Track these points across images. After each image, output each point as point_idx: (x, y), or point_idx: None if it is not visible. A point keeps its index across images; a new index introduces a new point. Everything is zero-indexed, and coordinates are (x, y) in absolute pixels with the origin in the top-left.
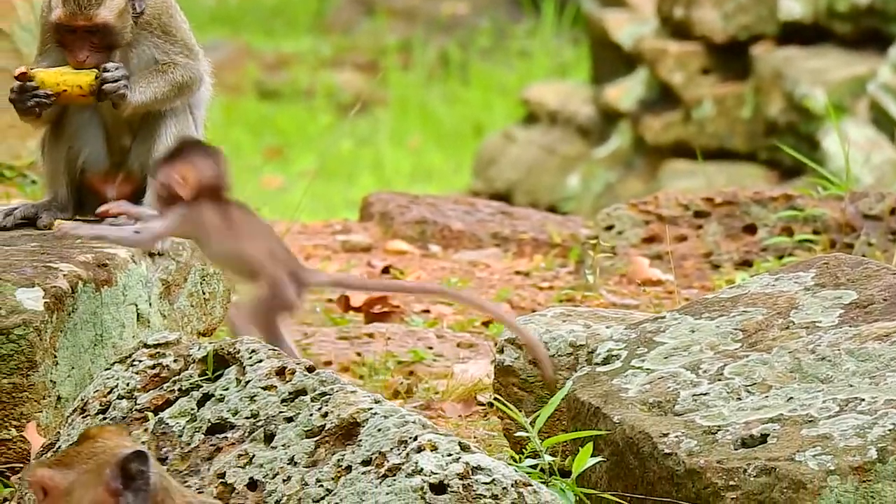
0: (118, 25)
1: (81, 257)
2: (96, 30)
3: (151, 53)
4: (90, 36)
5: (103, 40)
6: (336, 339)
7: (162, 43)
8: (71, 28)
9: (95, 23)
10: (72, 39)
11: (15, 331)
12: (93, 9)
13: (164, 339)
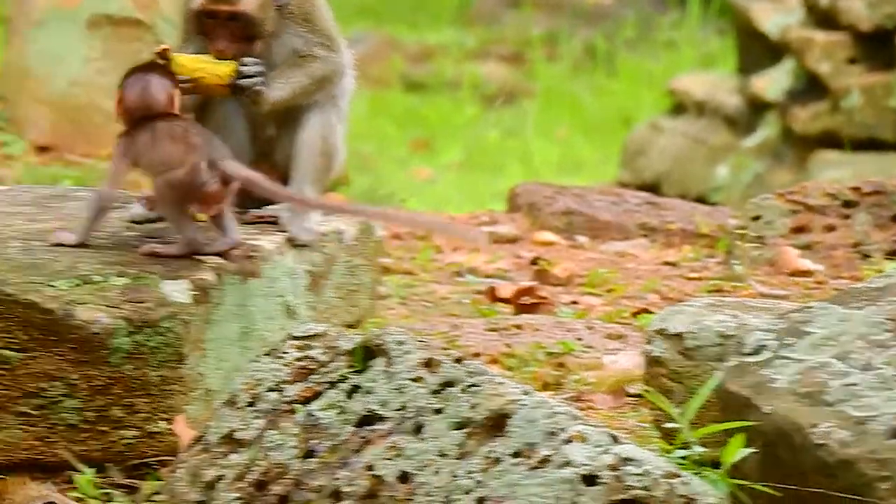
0: (259, 15)
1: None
2: (237, 18)
3: (292, 43)
4: (231, 24)
5: (244, 30)
6: (484, 331)
7: (304, 32)
8: (212, 15)
9: (236, 10)
10: (212, 27)
11: (162, 323)
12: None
13: (312, 330)
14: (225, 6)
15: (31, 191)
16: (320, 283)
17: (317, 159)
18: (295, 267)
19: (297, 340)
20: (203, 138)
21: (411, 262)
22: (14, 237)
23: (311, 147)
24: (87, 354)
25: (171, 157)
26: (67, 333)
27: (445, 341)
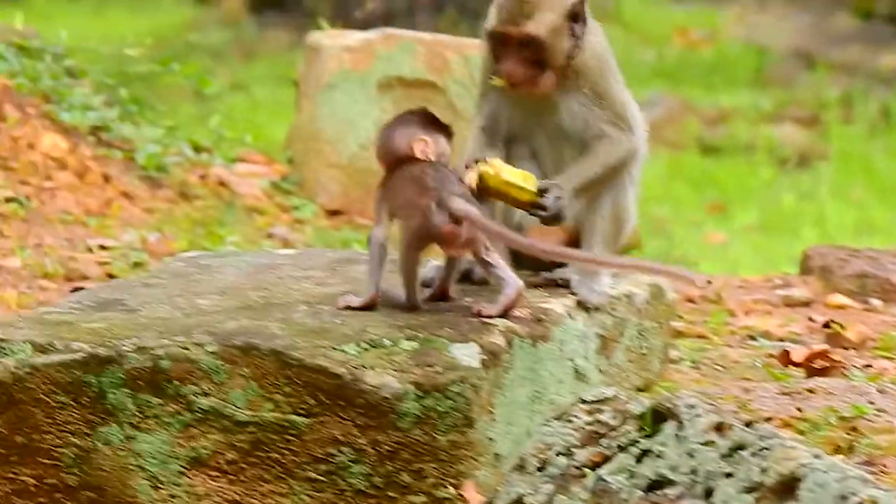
0: (549, 42)
1: (517, 312)
2: (527, 42)
3: (581, 114)
4: (522, 49)
5: (534, 55)
6: (776, 395)
7: (594, 106)
8: (503, 38)
9: (524, 33)
10: (504, 51)
11: (451, 388)
12: (523, 19)
13: (602, 394)
14: (514, 28)
15: (320, 255)
16: (611, 346)
17: (607, 223)
18: (585, 330)
19: (587, 404)
20: (438, 179)
21: (703, 325)
22: (302, 301)
23: (602, 211)
24: (375, 419)
25: (408, 200)
26: (356, 398)
27: (737, 405)
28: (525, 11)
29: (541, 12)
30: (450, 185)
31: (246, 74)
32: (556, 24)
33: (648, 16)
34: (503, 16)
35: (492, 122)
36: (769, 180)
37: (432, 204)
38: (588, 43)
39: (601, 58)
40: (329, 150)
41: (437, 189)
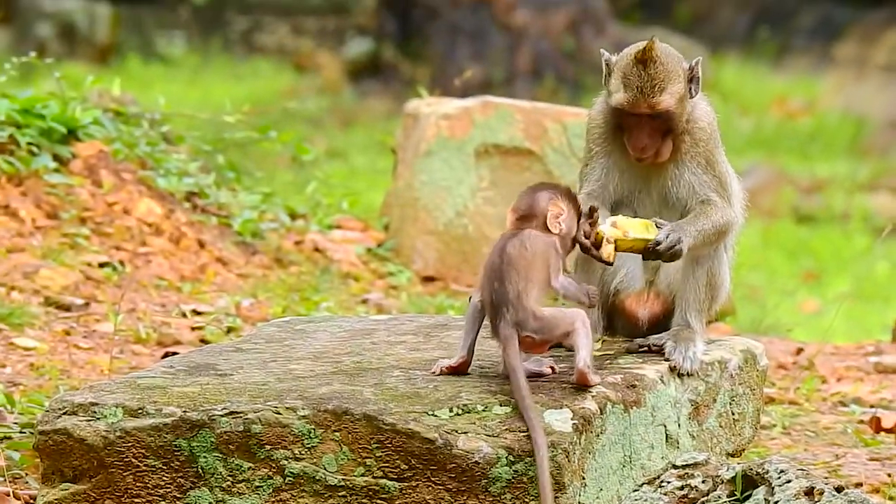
0: (678, 111)
1: (611, 378)
2: (658, 115)
3: (690, 180)
4: (651, 121)
5: (663, 125)
6: (867, 460)
7: (702, 174)
8: (632, 113)
9: (658, 110)
10: (632, 124)
11: None
12: (656, 96)
13: (693, 459)
14: (646, 108)
15: (414, 320)
16: (703, 412)
17: (702, 290)
18: (678, 396)
19: (678, 469)
20: (497, 294)
21: (795, 391)
22: (396, 366)
23: (696, 278)
24: (466, 484)
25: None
26: (447, 463)
27: (827, 470)
28: (657, 86)
29: (671, 84)
30: (511, 300)
31: (343, 142)
32: (681, 92)
33: (747, 85)
34: (634, 92)
35: (599, 188)
36: (863, 249)
37: (483, 281)
38: (699, 108)
39: (711, 123)
40: (425, 216)
41: (501, 301)
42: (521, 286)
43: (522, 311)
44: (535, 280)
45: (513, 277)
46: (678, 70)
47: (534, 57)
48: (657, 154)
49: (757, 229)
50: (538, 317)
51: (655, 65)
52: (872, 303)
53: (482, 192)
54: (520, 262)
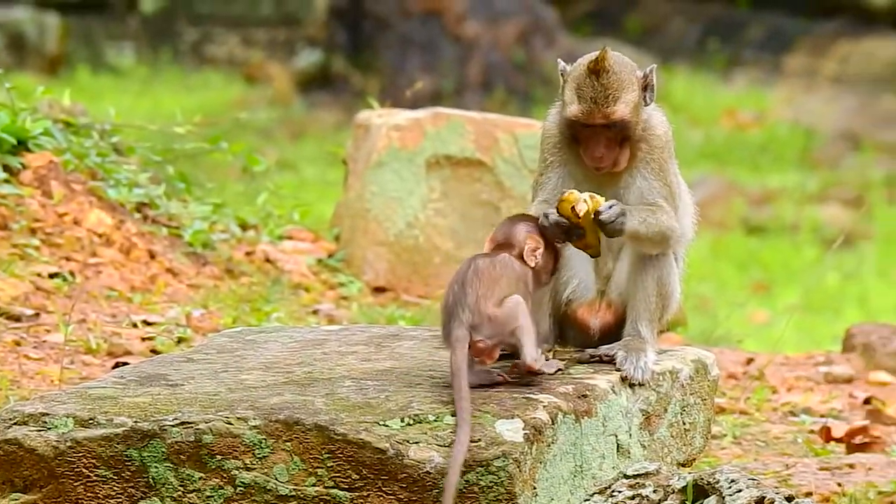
0: (633, 119)
1: (562, 388)
2: (613, 125)
3: (641, 187)
4: (605, 131)
5: (618, 134)
6: (817, 470)
7: (653, 180)
8: (587, 124)
9: (613, 120)
10: (587, 135)
11: (494, 462)
12: (610, 105)
13: (644, 469)
14: (600, 119)
15: (366, 330)
16: (654, 421)
17: (653, 300)
18: (629, 406)
19: (629, 479)
20: (457, 298)
21: (746, 402)
22: (347, 376)
23: (647, 288)
24: (417, 494)
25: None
26: (398, 473)
27: (778, 480)
28: (611, 96)
29: (624, 93)
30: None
31: (294, 153)
32: (636, 101)
33: (697, 97)
34: (588, 103)
35: (554, 197)
36: (813, 260)
37: (446, 306)
38: (654, 116)
39: (666, 132)
40: (376, 227)
41: (456, 294)
42: (481, 293)
43: (478, 316)
44: (496, 295)
45: (475, 284)
46: (632, 79)
47: (484, 68)
48: (615, 163)
49: (707, 240)
50: (492, 319)
51: (608, 74)
52: (822, 314)
53: (433, 203)
54: (486, 274)
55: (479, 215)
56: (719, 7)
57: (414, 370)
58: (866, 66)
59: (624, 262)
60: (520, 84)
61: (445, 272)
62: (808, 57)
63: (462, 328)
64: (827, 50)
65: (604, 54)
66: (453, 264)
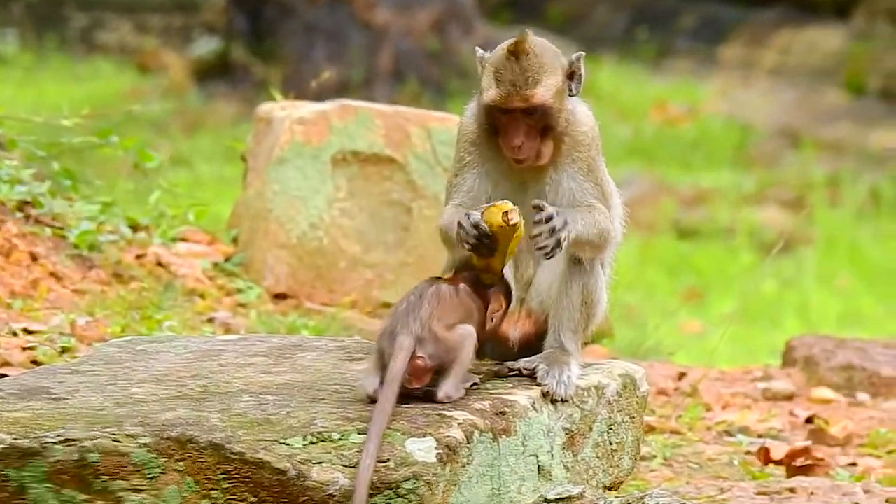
0: (555, 106)
1: (477, 405)
2: (533, 111)
3: (570, 188)
4: (526, 117)
5: (540, 121)
6: (755, 494)
7: (583, 180)
8: (506, 110)
9: (533, 103)
10: (506, 122)
11: (404, 485)
12: (530, 88)
13: (567, 493)
14: (519, 101)
15: (265, 340)
16: (578, 441)
17: (577, 310)
18: (551, 424)
19: (550, 503)
20: (411, 307)
21: (678, 420)
22: (245, 390)
23: (571, 296)
24: None
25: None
26: (300, 495)
27: None
28: (530, 79)
29: (546, 76)
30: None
31: (190, 148)
32: (559, 87)
33: (625, 89)
34: (506, 85)
35: (470, 199)
36: (749, 266)
37: (388, 330)
38: (580, 110)
39: (593, 128)
40: (277, 229)
41: (400, 317)
42: (437, 312)
43: (428, 331)
44: (449, 320)
45: (433, 301)
46: (555, 64)
47: (395, 58)
48: (537, 156)
49: (635, 244)
50: (440, 339)
51: (529, 57)
52: (759, 324)
53: (339, 202)
54: (446, 298)
55: (388, 216)
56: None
57: (318, 384)
58: (807, 57)
59: (546, 268)
60: (434, 75)
61: (352, 278)
62: (745, 47)
63: (409, 337)
64: (765, 39)
65: (524, 36)
66: (360, 269)
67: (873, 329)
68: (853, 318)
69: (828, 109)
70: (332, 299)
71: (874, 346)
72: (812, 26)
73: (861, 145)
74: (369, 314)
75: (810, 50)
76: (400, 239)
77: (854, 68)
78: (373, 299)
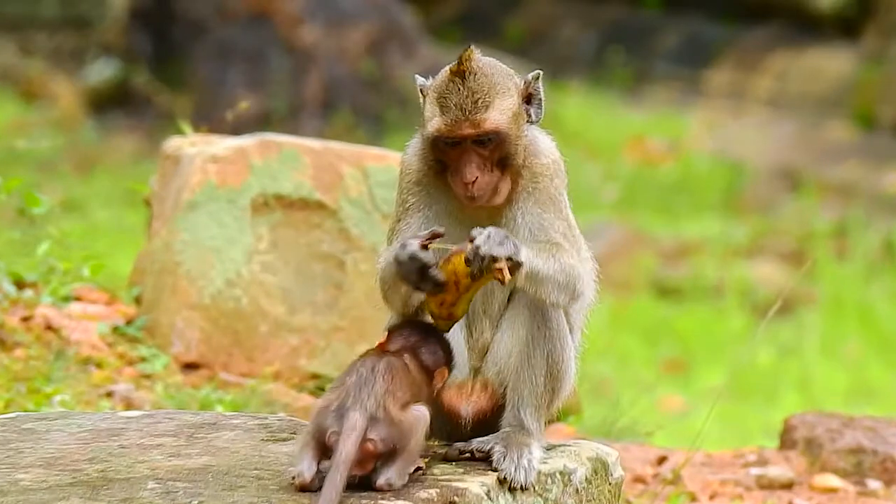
0: (511, 132)
1: (423, 493)
2: (486, 139)
3: (528, 223)
4: (478, 148)
5: (495, 152)
6: None
7: (542, 213)
8: (454, 140)
9: (485, 129)
10: (455, 156)
11: None
12: (480, 112)
13: None
14: (469, 128)
15: (174, 417)
16: None
17: (540, 382)
18: None
19: None
20: (363, 380)
21: None
22: (151, 476)
23: (534, 366)
24: None
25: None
26: None
27: None
28: (480, 101)
29: (498, 98)
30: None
31: (84, 190)
32: (515, 110)
33: (595, 121)
34: (452, 111)
35: None
36: (741, 331)
37: (332, 406)
38: (542, 140)
39: (556, 161)
40: (187, 286)
41: (349, 394)
42: (391, 388)
43: (383, 411)
44: (402, 398)
45: (386, 376)
46: (507, 84)
47: (325, 84)
48: (493, 193)
49: (608, 305)
50: (394, 421)
51: (476, 77)
52: (753, 400)
53: (260, 255)
54: (400, 372)
55: (318, 271)
56: (623, 9)
57: (236, 468)
58: (809, 84)
59: (505, 332)
60: (370, 104)
61: (275, 344)
62: (736, 71)
63: (363, 416)
64: (759, 63)
65: (469, 53)
66: (285, 334)
67: (886, 406)
68: (863, 393)
69: (833, 146)
70: (251, 369)
71: (887, 425)
72: (814, 48)
73: (872, 188)
74: (295, 387)
75: (812, 75)
76: (331, 298)
77: (863, 97)
78: (299, 369)
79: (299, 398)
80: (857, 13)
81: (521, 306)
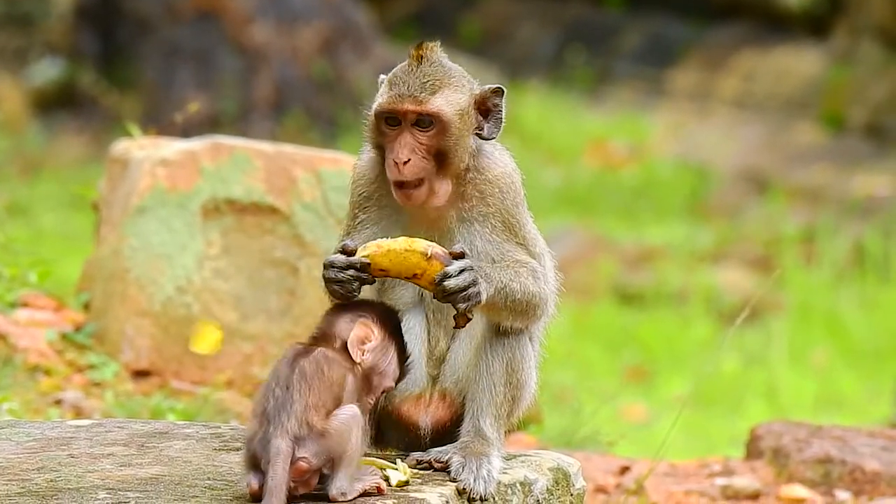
0: (454, 126)
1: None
2: (427, 122)
3: (483, 248)
4: (418, 132)
5: (432, 141)
6: None
7: (499, 241)
8: (395, 115)
9: (426, 109)
10: (395, 134)
11: None
12: (426, 93)
13: None
14: (410, 104)
15: (125, 426)
16: None
17: (500, 391)
18: None
19: None
20: (280, 403)
21: None
22: (101, 486)
23: (493, 375)
24: None
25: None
26: None
27: None
28: (427, 86)
29: (448, 90)
30: (289, 411)
31: (29, 194)
32: (463, 109)
33: (555, 123)
34: (399, 88)
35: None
36: (706, 339)
37: (256, 420)
38: (496, 155)
39: (511, 175)
40: (137, 293)
41: (281, 408)
42: (311, 401)
43: (305, 428)
44: (326, 404)
45: (302, 389)
46: (463, 83)
47: (276, 85)
48: (429, 190)
49: (568, 313)
50: (321, 433)
51: (433, 65)
52: (719, 409)
53: (211, 261)
54: (315, 379)
55: (271, 277)
56: (583, 7)
57: (188, 478)
58: (776, 84)
59: (463, 340)
60: (323, 106)
61: (227, 352)
62: (700, 72)
63: (285, 439)
64: (724, 63)
65: (432, 44)
66: (237, 341)
67: (854, 414)
68: (831, 402)
69: (801, 149)
70: (203, 377)
71: (856, 434)
72: (782, 47)
73: (841, 192)
74: (248, 395)
75: (780, 76)
76: (285, 305)
77: (833, 99)
78: (252, 377)
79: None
80: (826, 12)
81: (478, 314)
